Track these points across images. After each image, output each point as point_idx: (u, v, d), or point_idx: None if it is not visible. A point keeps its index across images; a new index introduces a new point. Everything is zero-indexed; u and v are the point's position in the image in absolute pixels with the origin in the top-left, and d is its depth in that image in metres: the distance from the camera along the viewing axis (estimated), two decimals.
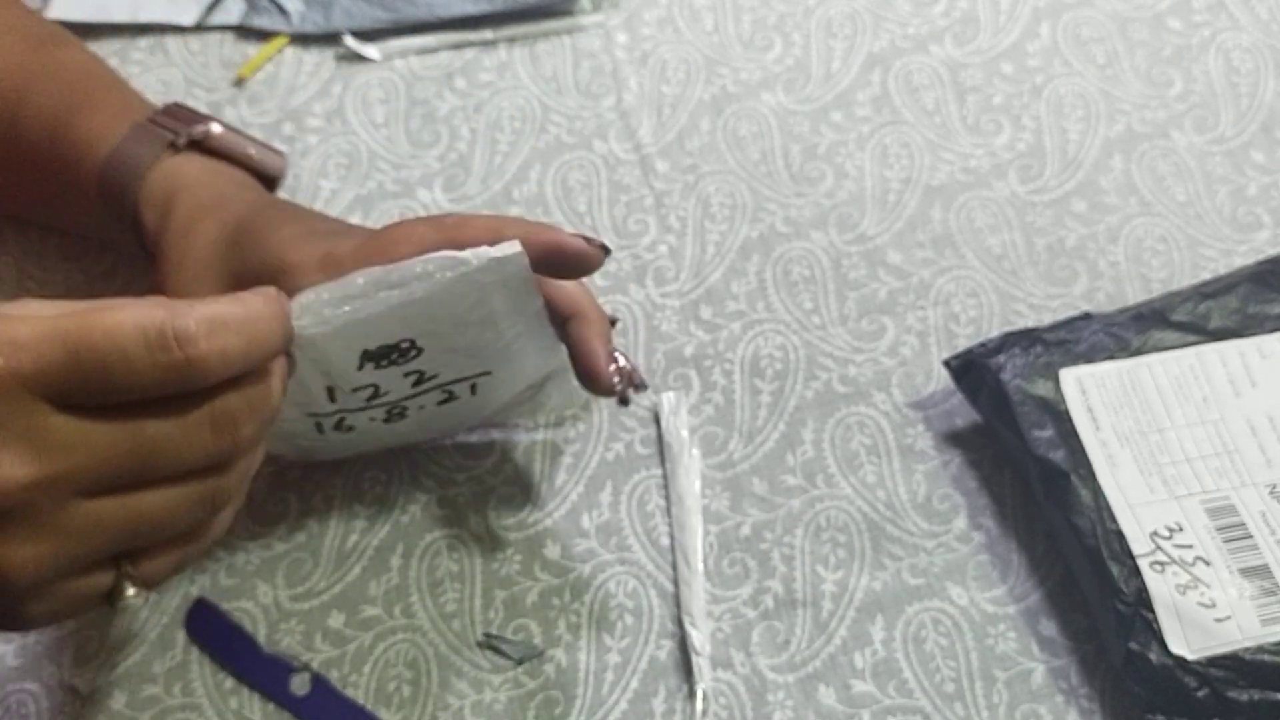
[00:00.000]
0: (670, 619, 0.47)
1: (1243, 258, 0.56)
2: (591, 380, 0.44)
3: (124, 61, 0.60)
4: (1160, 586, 0.44)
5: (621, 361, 0.44)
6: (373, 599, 0.48)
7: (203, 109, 0.51)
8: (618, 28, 0.62)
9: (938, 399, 0.52)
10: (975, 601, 0.48)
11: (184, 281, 0.43)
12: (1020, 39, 0.62)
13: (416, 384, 0.43)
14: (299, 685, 0.46)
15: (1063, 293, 0.55)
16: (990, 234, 0.56)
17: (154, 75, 0.60)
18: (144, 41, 0.61)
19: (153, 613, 0.47)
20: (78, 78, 0.50)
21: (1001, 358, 0.49)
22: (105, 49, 0.59)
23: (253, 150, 0.49)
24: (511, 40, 0.62)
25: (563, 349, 0.45)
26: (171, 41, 0.61)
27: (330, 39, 0.61)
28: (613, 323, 0.47)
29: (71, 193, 0.49)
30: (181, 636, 0.47)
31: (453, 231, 0.39)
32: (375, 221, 0.56)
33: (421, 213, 0.56)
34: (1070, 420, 0.48)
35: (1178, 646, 0.43)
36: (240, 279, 0.42)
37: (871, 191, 0.57)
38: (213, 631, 0.47)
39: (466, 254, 0.38)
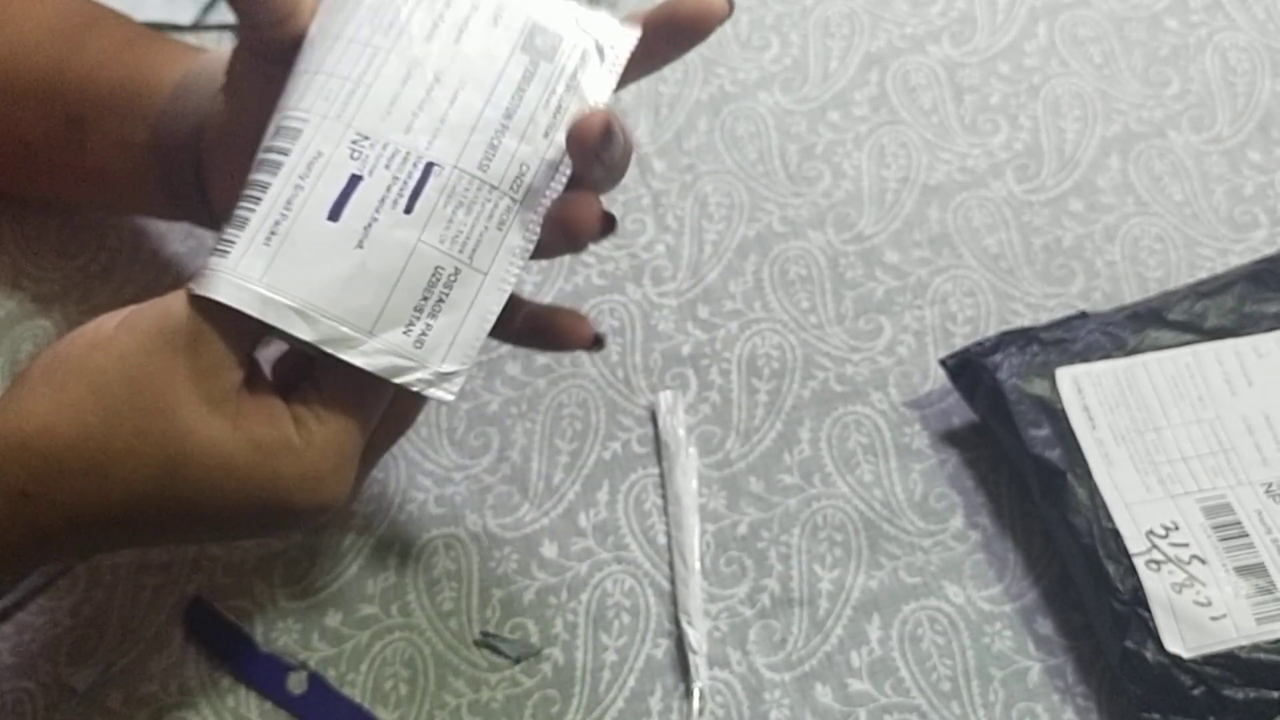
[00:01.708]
0: (667, 618, 0.47)
1: (1239, 257, 0.56)
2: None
3: None
4: (1156, 585, 0.44)
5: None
6: (370, 597, 0.48)
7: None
8: None
9: (934, 398, 0.52)
10: (972, 600, 0.48)
11: None
12: (1017, 39, 0.62)
13: None
14: (296, 684, 0.46)
15: (1059, 292, 0.55)
16: (987, 233, 0.56)
17: None
18: None
19: (150, 611, 0.47)
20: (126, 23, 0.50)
21: (998, 357, 0.49)
22: None
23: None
24: None
25: None
26: None
27: None
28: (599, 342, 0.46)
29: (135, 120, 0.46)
30: (179, 635, 0.47)
31: None
32: None
33: None
34: (1066, 419, 0.48)
35: (1173, 645, 0.43)
36: None
37: (869, 191, 0.57)
38: (210, 630, 0.47)
39: None
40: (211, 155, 0.44)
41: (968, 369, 0.50)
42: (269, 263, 0.35)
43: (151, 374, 0.35)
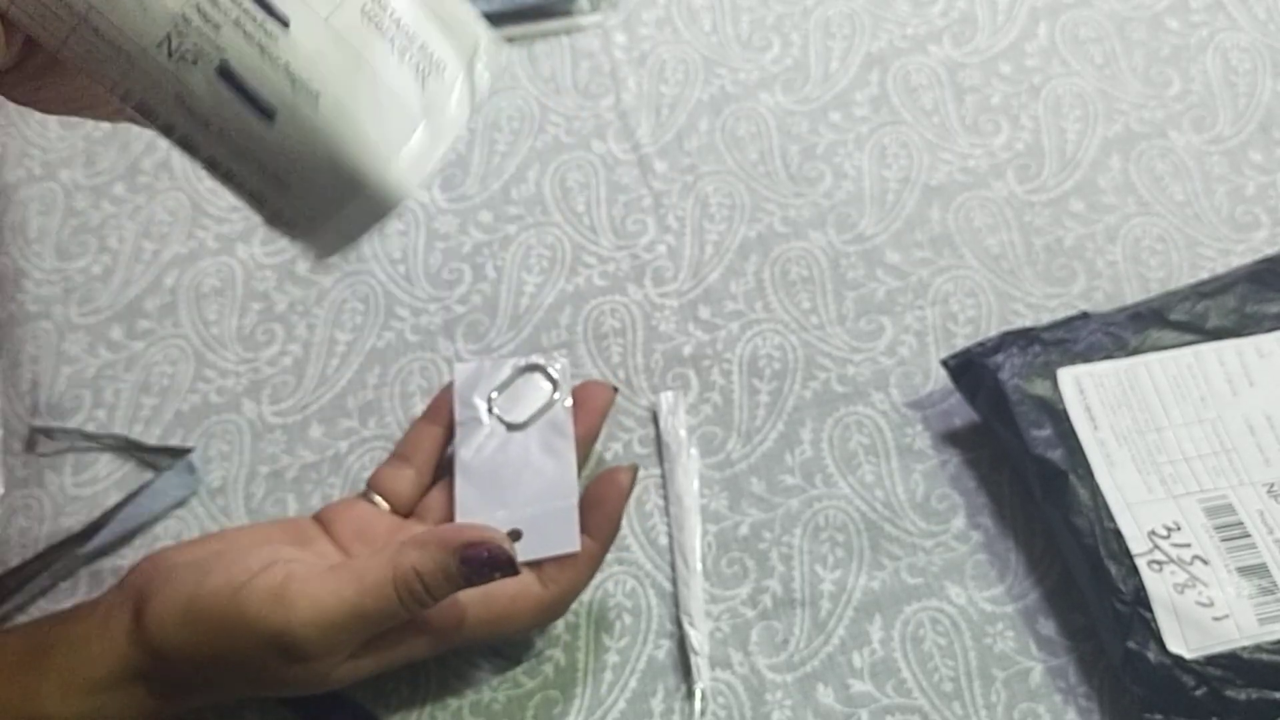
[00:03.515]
0: (669, 619, 0.47)
1: (1240, 257, 0.56)
2: None
3: None
4: (1158, 585, 0.44)
5: None
6: None
7: None
8: (616, 28, 0.62)
9: (936, 399, 0.52)
10: (973, 601, 0.48)
11: None
12: (1018, 39, 0.62)
13: None
14: None
15: (1061, 292, 0.55)
16: (988, 234, 0.56)
17: None
18: None
19: None
20: None
21: (999, 357, 0.49)
22: None
23: None
24: (510, 41, 0.62)
25: None
26: None
27: None
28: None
29: None
30: None
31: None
32: None
33: (419, 213, 0.57)
34: (1068, 419, 0.48)
35: (1176, 645, 0.43)
36: None
37: (870, 191, 0.57)
38: None
39: None
40: None
41: (969, 369, 0.50)
42: None
43: None
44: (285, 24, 0.29)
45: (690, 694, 0.46)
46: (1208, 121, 0.60)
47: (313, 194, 0.31)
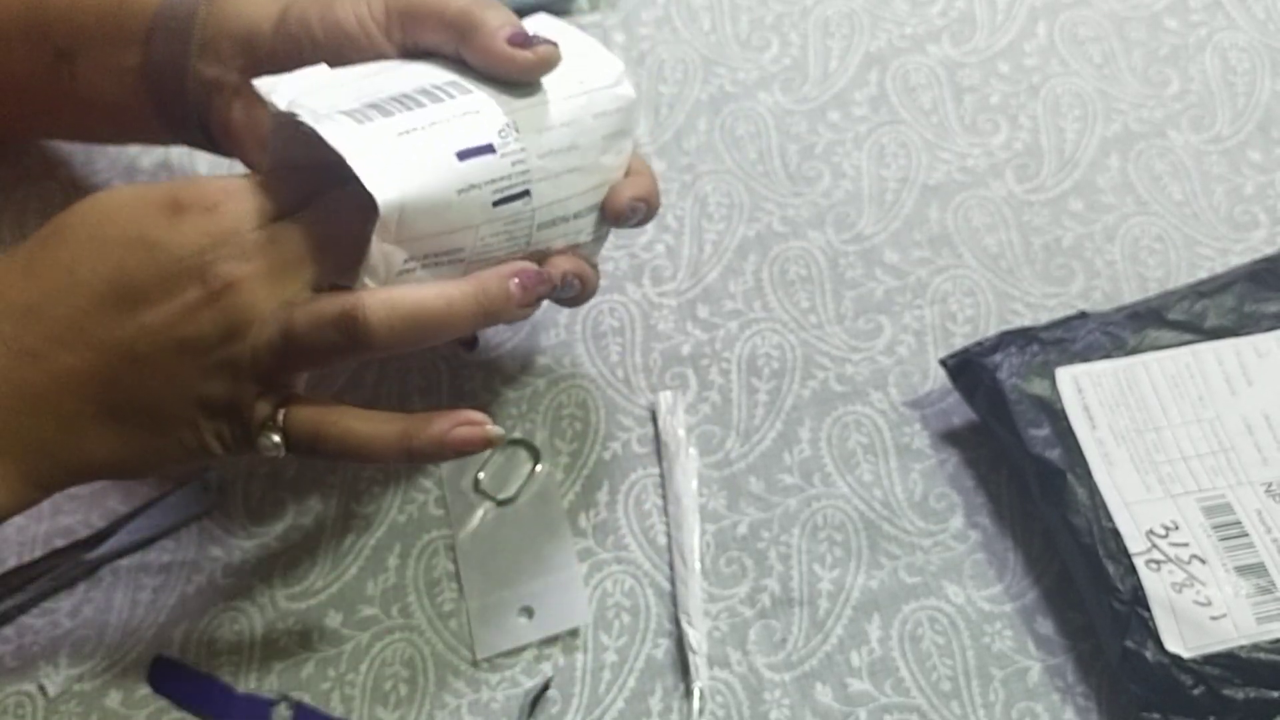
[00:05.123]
0: (667, 618, 0.47)
1: (1239, 256, 0.56)
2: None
3: None
4: (1156, 585, 0.44)
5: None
6: (370, 599, 0.48)
7: None
8: (615, 27, 0.62)
9: (934, 398, 0.52)
10: (972, 600, 0.48)
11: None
12: (1017, 38, 0.62)
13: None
14: (281, 717, 0.45)
15: (1059, 292, 0.55)
16: (987, 233, 0.56)
17: None
18: None
19: (149, 611, 0.47)
20: None
21: (998, 356, 0.49)
22: None
23: None
24: None
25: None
26: None
27: None
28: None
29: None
30: (178, 636, 0.47)
31: None
32: None
33: None
34: (1066, 419, 0.48)
35: (1173, 644, 0.43)
36: None
37: (869, 191, 0.57)
38: (180, 684, 0.46)
39: None
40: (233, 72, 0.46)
41: (968, 369, 0.50)
42: (393, 149, 0.39)
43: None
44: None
45: (688, 693, 0.46)
46: (1206, 121, 0.60)
47: None
